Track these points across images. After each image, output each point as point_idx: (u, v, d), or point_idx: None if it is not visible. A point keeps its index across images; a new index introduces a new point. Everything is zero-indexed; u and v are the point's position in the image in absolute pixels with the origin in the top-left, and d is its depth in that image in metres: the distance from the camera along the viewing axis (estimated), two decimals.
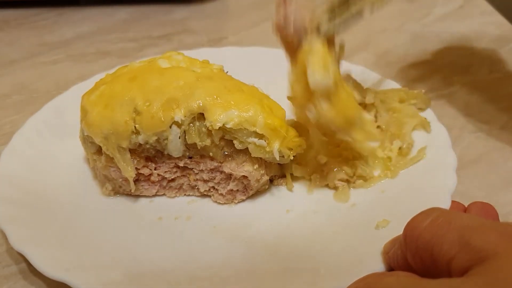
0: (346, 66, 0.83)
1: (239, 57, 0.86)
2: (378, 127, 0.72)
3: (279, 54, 0.88)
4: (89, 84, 0.70)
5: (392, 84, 0.79)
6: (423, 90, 0.75)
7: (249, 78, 0.69)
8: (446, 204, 0.58)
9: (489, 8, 1.15)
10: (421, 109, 0.73)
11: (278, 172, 0.67)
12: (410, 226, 0.44)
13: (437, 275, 0.41)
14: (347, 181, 0.65)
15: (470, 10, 1.15)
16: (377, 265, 0.52)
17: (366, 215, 0.61)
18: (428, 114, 0.72)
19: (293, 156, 0.63)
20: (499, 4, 1.15)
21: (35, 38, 1.10)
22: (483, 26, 1.08)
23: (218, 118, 0.59)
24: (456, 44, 1.03)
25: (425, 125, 0.71)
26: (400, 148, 0.68)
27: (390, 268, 0.51)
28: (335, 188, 0.65)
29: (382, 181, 0.66)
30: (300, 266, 0.55)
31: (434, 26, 1.10)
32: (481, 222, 0.40)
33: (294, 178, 0.67)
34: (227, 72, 0.69)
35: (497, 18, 1.11)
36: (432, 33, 1.08)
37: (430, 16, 1.14)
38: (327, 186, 0.65)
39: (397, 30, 1.10)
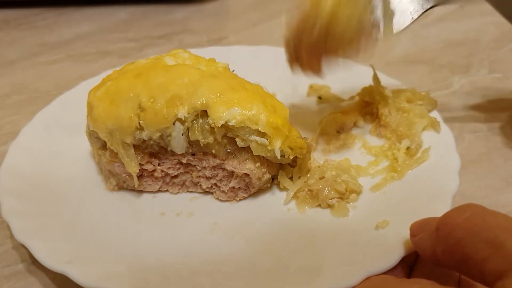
0: (354, 66, 0.84)
1: (246, 56, 0.87)
2: (387, 126, 0.72)
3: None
4: (95, 81, 0.70)
5: (398, 85, 0.78)
6: (429, 92, 0.75)
7: (256, 77, 0.69)
8: (447, 206, 0.58)
9: (489, 8, 1.15)
10: (428, 111, 0.73)
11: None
12: (444, 221, 0.43)
13: (467, 272, 0.41)
14: (340, 198, 0.63)
15: (470, 10, 1.15)
16: (377, 266, 0.51)
17: (367, 215, 0.61)
18: (434, 116, 0.72)
19: (294, 156, 0.63)
20: (499, 4, 1.15)
21: (35, 38, 1.11)
22: (483, 26, 1.09)
23: (220, 115, 0.59)
24: (456, 44, 1.03)
25: (434, 125, 0.70)
26: (408, 148, 0.68)
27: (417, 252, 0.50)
28: (330, 206, 0.63)
29: (387, 181, 0.66)
30: (300, 264, 0.55)
31: (434, 26, 1.10)
32: None
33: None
34: (233, 70, 0.69)
35: (497, 18, 1.11)
36: (432, 33, 1.08)
37: (430, 16, 1.14)
38: (319, 206, 0.64)
39: None
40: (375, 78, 0.76)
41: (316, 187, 0.63)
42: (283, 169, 0.66)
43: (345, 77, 0.79)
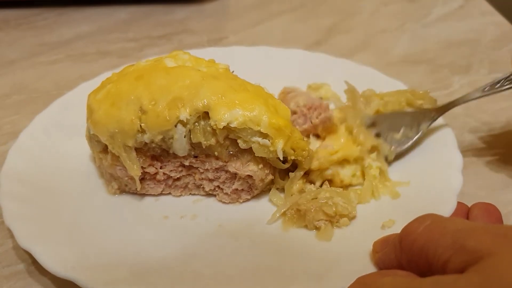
0: (354, 66, 0.84)
1: (245, 57, 0.87)
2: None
3: (285, 54, 0.88)
4: (95, 82, 0.70)
5: (399, 85, 0.79)
6: (428, 91, 0.75)
7: (256, 77, 0.69)
8: (452, 205, 0.58)
9: (489, 8, 1.16)
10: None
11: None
12: (405, 232, 0.45)
13: (430, 274, 0.42)
14: (329, 221, 0.61)
15: (470, 10, 1.15)
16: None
17: (372, 215, 0.61)
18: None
19: (295, 158, 0.63)
20: (499, 4, 1.15)
21: (35, 38, 1.10)
22: (483, 26, 1.09)
23: (222, 117, 0.59)
24: (456, 44, 1.03)
25: (430, 101, 0.71)
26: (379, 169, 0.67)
27: (380, 269, 0.51)
28: (316, 228, 0.61)
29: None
30: (305, 265, 0.55)
31: (434, 26, 1.10)
32: (475, 225, 0.41)
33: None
34: (233, 71, 0.69)
35: (497, 18, 1.12)
36: (432, 33, 1.08)
37: (430, 16, 1.14)
38: (305, 227, 0.61)
39: (397, 30, 1.10)
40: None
41: (305, 207, 0.61)
42: (275, 182, 0.66)
43: (345, 76, 0.79)
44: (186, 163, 0.64)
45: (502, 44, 1.02)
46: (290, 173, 0.65)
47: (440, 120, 0.71)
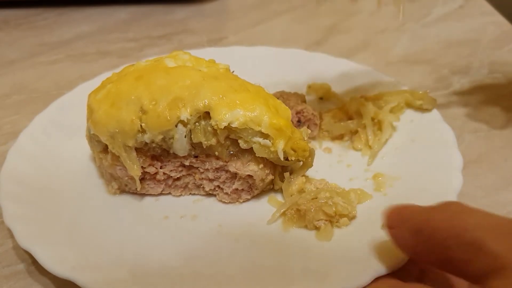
0: (354, 66, 0.84)
1: (245, 57, 0.87)
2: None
3: (285, 54, 0.89)
4: (95, 82, 0.70)
5: (398, 85, 0.79)
6: (428, 91, 0.75)
7: (256, 77, 0.69)
8: None
9: (489, 8, 1.16)
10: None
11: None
12: (426, 223, 0.44)
13: (450, 271, 0.42)
14: (329, 221, 0.60)
15: (470, 10, 1.15)
16: (383, 266, 0.52)
17: (372, 215, 0.61)
18: (434, 115, 0.73)
19: (295, 158, 0.63)
20: (499, 4, 1.15)
21: (35, 38, 1.10)
22: (483, 26, 1.09)
23: (223, 117, 0.59)
24: (456, 44, 1.03)
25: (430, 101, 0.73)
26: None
27: (395, 244, 0.50)
28: (316, 228, 0.60)
29: (387, 182, 0.66)
30: (305, 265, 0.55)
31: (434, 26, 1.11)
32: (497, 222, 0.41)
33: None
34: (233, 71, 0.69)
35: (497, 18, 1.12)
36: (432, 33, 1.08)
37: (430, 16, 1.15)
38: (305, 227, 0.61)
39: (397, 30, 1.10)
40: None
41: (304, 207, 0.61)
42: (275, 183, 0.66)
43: (345, 76, 0.79)
44: (186, 163, 0.64)
45: (502, 44, 1.02)
46: (285, 174, 0.65)
47: (440, 120, 0.71)
